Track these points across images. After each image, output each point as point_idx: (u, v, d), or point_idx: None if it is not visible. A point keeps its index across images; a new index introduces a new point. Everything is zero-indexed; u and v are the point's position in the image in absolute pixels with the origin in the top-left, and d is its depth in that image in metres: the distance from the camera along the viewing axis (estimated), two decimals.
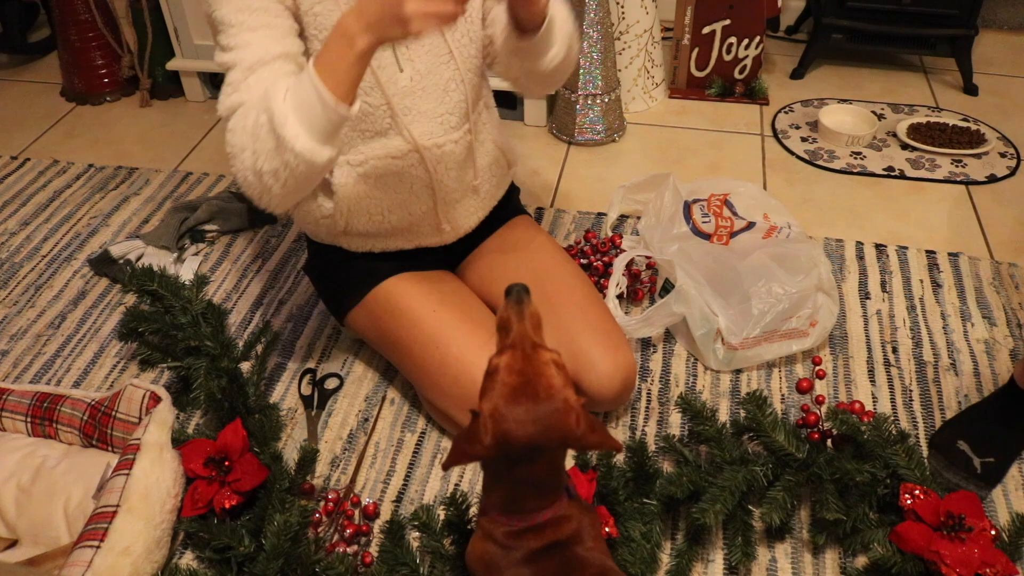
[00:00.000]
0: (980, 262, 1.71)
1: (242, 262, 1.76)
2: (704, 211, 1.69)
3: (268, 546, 1.09)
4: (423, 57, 1.24)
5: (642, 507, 1.17)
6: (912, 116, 2.21)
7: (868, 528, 1.15)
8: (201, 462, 1.20)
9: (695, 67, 2.32)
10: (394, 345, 1.36)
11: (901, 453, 1.17)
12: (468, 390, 1.25)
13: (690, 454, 1.23)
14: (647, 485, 1.20)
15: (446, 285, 1.39)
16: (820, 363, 1.45)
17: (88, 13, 2.26)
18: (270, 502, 1.16)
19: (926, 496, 1.13)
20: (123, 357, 1.54)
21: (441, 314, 1.31)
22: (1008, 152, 2.09)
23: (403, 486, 1.30)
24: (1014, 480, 1.29)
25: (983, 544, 1.08)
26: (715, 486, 1.15)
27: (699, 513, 1.13)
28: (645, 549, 1.12)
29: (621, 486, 1.19)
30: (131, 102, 2.38)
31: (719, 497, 1.14)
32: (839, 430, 1.19)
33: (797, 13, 2.68)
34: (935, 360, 1.50)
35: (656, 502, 1.17)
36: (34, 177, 2.05)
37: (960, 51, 2.32)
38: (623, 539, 1.13)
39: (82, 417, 1.30)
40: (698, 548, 1.19)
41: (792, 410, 1.41)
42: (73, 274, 1.74)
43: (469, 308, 1.35)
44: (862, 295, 1.64)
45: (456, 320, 1.31)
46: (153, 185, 2.01)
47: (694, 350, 1.50)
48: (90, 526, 1.09)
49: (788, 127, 2.20)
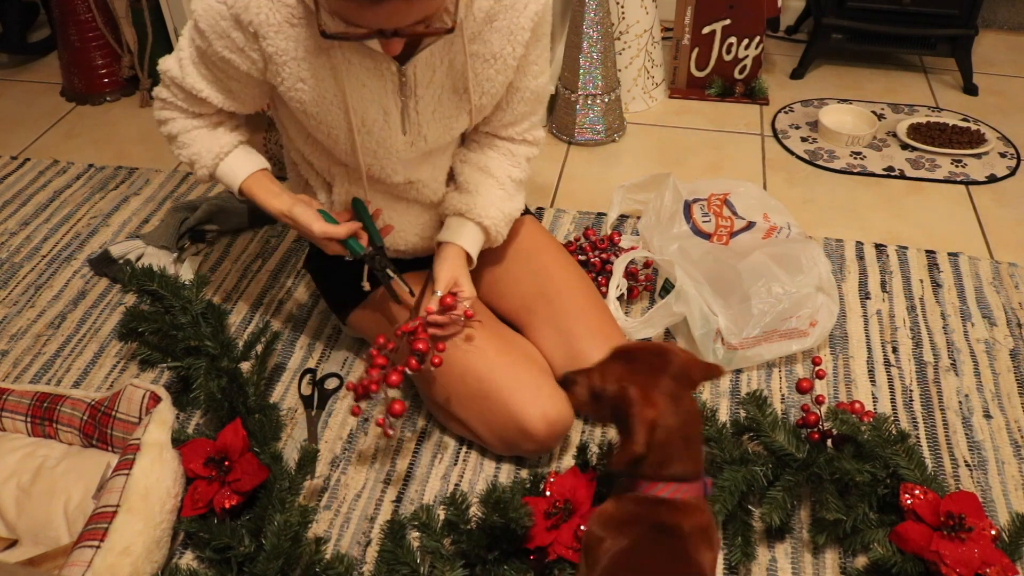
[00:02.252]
0: (980, 262, 1.71)
1: (242, 262, 1.76)
2: (704, 211, 1.69)
3: (268, 546, 1.09)
4: (433, 129, 1.24)
5: None
6: (912, 116, 2.21)
7: (868, 528, 1.15)
8: (201, 462, 1.20)
9: (695, 67, 2.32)
10: None
11: (901, 453, 1.17)
12: (473, 389, 1.25)
13: None
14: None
15: None
16: (820, 363, 1.45)
17: (88, 13, 2.26)
18: (270, 502, 1.16)
19: (926, 496, 1.13)
20: (123, 357, 1.54)
21: None
22: (1008, 152, 2.09)
23: (403, 486, 1.30)
24: (1014, 480, 1.29)
25: (983, 544, 1.08)
26: (715, 486, 1.15)
27: None
28: None
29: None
30: (131, 102, 2.38)
31: (719, 497, 1.14)
32: (839, 430, 1.19)
33: (797, 13, 2.68)
34: (935, 360, 1.50)
35: None
36: (34, 177, 2.05)
37: (960, 51, 2.31)
38: None
39: (82, 417, 1.30)
40: None
41: (792, 410, 1.41)
42: (73, 274, 1.74)
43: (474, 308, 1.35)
44: (862, 295, 1.64)
45: None
46: (153, 185, 2.01)
47: (694, 350, 1.49)
48: (90, 526, 1.09)
49: (788, 127, 2.20)
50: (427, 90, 1.18)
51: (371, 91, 1.15)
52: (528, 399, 1.23)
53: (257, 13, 1.07)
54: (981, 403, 1.41)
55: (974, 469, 1.30)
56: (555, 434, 1.25)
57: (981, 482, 1.28)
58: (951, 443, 1.35)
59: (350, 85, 1.14)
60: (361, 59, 1.12)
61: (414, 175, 1.29)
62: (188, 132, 1.25)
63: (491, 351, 1.28)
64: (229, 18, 1.09)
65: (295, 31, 1.09)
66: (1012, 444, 1.34)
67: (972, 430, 1.37)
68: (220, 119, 1.27)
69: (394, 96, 1.17)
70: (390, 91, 1.16)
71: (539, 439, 1.24)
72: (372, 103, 1.16)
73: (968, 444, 1.34)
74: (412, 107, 1.18)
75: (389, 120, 1.19)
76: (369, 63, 1.12)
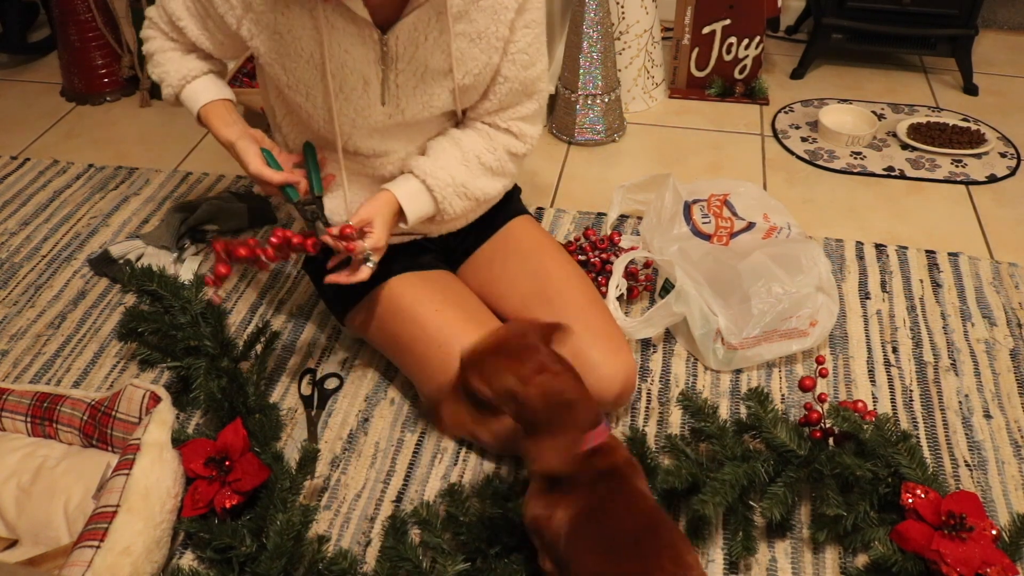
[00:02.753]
0: (980, 262, 1.71)
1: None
2: (704, 211, 1.69)
3: (271, 545, 1.09)
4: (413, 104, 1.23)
5: None
6: (912, 116, 2.21)
7: (869, 527, 1.15)
8: (201, 462, 1.20)
9: (695, 67, 2.32)
10: (395, 344, 1.36)
11: (903, 452, 1.17)
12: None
13: (691, 451, 1.23)
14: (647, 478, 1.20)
15: (448, 285, 1.39)
16: (823, 362, 1.44)
17: (88, 13, 2.26)
18: (272, 502, 1.16)
19: (927, 495, 1.13)
20: (123, 357, 1.54)
21: (444, 313, 1.31)
22: (1008, 152, 2.09)
23: (403, 486, 1.30)
24: (1014, 480, 1.29)
25: (984, 544, 1.08)
26: (716, 479, 1.15)
27: (699, 504, 1.13)
28: None
29: None
30: (131, 102, 2.38)
31: (719, 490, 1.14)
32: (841, 427, 1.19)
33: (797, 13, 2.68)
34: (935, 360, 1.50)
35: (656, 496, 1.17)
36: (34, 177, 2.05)
37: (960, 51, 2.31)
38: None
39: (82, 417, 1.30)
40: (698, 543, 1.19)
41: (792, 410, 1.41)
42: (73, 274, 1.74)
43: (471, 308, 1.35)
44: (862, 295, 1.64)
45: (459, 320, 1.31)
46: (153, 185, 2.01)
47: (694, 350, 1.50)
48: (90, 526, 1.09)
49: (788, 127, 2.20)
50: (409, 65, 1.17)
51: (352, 58, 1.15)
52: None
53: None
54: (981, 403, 1.41)
55: (974, 469, 1.30)
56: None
57: (981, 482, 1.28)
58: (951, 443, 1.35)
59: (330, 49, 1.14)
60: (345, 24, 1.12)
61: (386, 146, 1.28)
62: (164, 52, 1.29)
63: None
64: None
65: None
66: (1012, 444, 1.34)
67: (972, 430, 1.37)
68: (193, 48, 1.29)
69: (375, 65, 1.17)
70: (372, 60, 1.16)
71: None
72: (352, 70, 1.16)
73: (968, 444, 1.34)
74: (393, 79, 1.18)
75: (368, 89, 1.19)
76: (352, 28, 1.12)
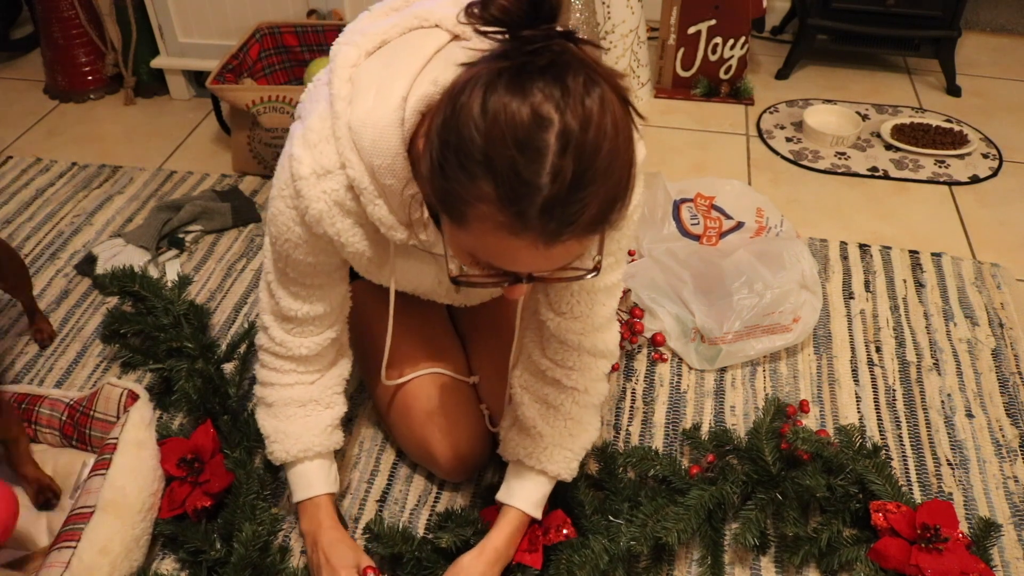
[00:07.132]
0: (963, 262, 1.72)
1: (226, 261, 1.75)
2: (692, 212, 1.70)
3: (235, 558, 1.08)
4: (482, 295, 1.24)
5: (608, 525, 1.14)
6: (896, 117, 2.22)
7: (844, 546, 1.13)
8: (175, 462, 1.19)
9: (681, 67, 2.33)
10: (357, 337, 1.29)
11: (871, 469, 1.16)
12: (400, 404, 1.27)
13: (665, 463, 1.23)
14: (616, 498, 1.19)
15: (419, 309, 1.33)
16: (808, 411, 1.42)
17: (72, 10, 2.24)
18: (238, 507, 1.15)
19: (899, 509, 1.13)
20: (106, 357, 1.52)
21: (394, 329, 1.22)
22: (990, 153, 2.10)
23: (387, 485, 1.30)
24: (995, 479, 1.29)
25: (959, 552, 1.09)
26: (681, 505, 1.14)
27: (661, 532, 1.11)
28: (602, 560, 1.08)
29: (588, 500, 1.17)
30: (115, 100, 2.37)
31: (683, 516, 1.12)
32: (801, 449, 1.19)
33: (782, 14, 2.69)
34: (918, 360, 1.50)
35: (623, 522, 1.14)
36: (17, 175, 2.03)
37: (943, 52, 2.33)
38: (579, 544, 1.11)
39: (61, 418, 1.29)
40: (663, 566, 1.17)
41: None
42: (56, 273, 1.73)
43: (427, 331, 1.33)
44: (846, 295, 1.64)
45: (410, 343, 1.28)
46: (137, 183, 2.00)
47: (678, 349, 1.50)
48: (68, 527, 1.08)
49: (773, 127, 2.20)
50: None
51: (426, 276, 1.11)
52: (443, 430, 1.23)
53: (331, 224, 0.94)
54: (963, 402, 1.42)
55: (956, 468, 1.31)
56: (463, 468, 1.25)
57: (963, 481, 1.29)
58: (933, 442, 1.35)
59: (404, 264, 1.07)
60: (421, 254, 1.06)
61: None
62: (286, 406, 1.14)
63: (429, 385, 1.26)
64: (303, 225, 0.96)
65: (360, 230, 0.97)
66: (993, 443, 1.35)
67: (954, 429, 1.37)
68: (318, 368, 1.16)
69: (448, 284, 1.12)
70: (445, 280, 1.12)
71: (446, 470, 1.24)
72: (426, 276, 1.11)
73: (950, 443, 1.35)
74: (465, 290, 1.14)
75: (439, 287, 1.15)
76: (428, 257, 1.07)
